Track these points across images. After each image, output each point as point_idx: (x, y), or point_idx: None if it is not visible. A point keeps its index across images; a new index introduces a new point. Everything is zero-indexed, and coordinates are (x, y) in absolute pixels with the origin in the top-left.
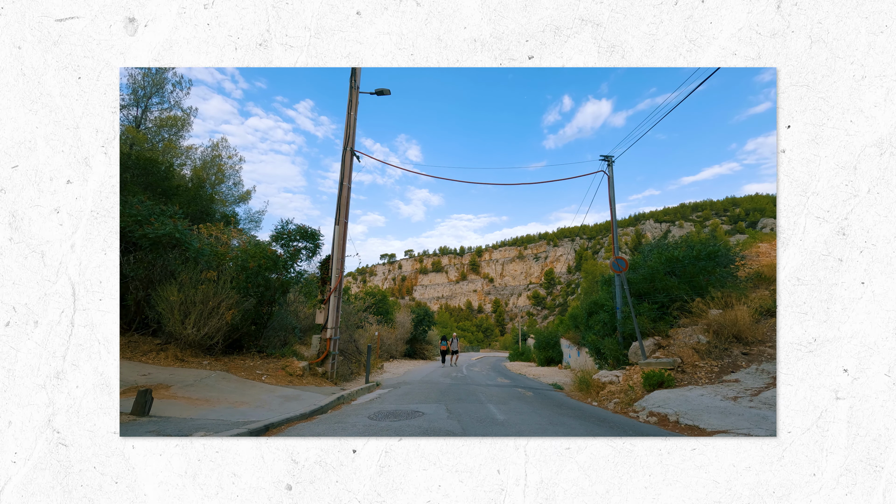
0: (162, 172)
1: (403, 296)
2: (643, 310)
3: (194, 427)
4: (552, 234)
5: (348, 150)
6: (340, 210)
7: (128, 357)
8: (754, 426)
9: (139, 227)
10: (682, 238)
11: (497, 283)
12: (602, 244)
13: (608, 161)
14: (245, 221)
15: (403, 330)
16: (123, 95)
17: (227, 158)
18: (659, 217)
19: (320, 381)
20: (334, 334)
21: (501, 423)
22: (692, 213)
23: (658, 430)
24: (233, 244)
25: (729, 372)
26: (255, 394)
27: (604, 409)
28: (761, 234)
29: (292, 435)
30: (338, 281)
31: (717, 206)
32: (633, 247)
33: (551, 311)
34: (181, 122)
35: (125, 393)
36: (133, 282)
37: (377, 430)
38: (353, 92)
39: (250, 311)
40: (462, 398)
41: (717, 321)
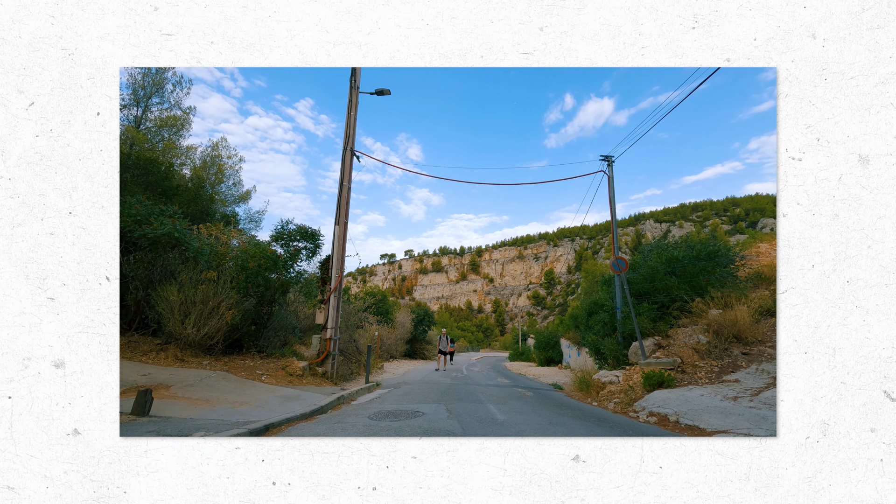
0: (162, 172)
1: (403, 296)
2: (643, 310)
3: (194, 427)
4: (552, 234)
5: (348, 150)
6: (340, 210)
7: (128, 357)
8: (754, 426)
9: (138, 227)
10: (682, 238)
11: (497, 283)
12: (602, 244)
13: (608, 161)
14: (245, 221)
15: (403, 330)
16: (123, 95)
17: (226, 158)
18: (659, 217)
19: (320, 381)
20: (334, 334)
21: (501, 423)
22: (692, 213)
23: (658, 430)
24: (233, 244)
25: (729, 372)
26: (255, 394)
27: (604, 409)
28: (761, 234)
29: (292, 435)
30: (338, 281)
31: (717, 206)
32: (633, 247)
33: (551, 311)
34: (181, 122)
35: (125, 393)
36: (133, 282)
37: (377, 430)
38: (353, 92)
39: (250, 311)
40: (462, 398)
41: (717, 321)
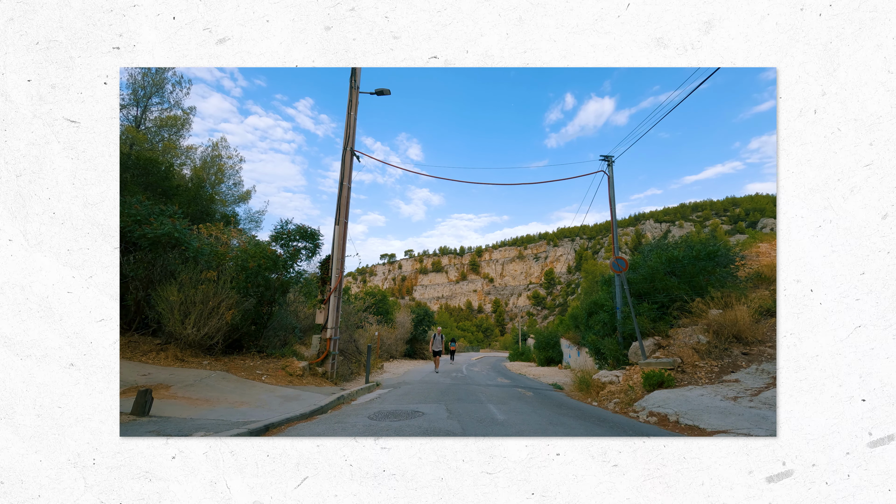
0: (162, 172)
1: (403, 296)
2: (643, 310)
3: (194, 427)
4: (552, 234)
5: (348, 151)
6: (340, 210)
7: (128, 357)
8: (754, 426)
9: (138, 226)
10: (682, 238)
11: (497, 283)
12: (602, 244)
13: (608, 161)
14: (245, 221)
15: (403, 330)
16: (123, 95)
17: (227, 158)
18: (659, 217)
19: (320, 381)
20: (334, 334)
21: (501, 423)
22: (692, 213)
23: (658, 430)
24: (233, 244)
25: (729, 372)
26: (255, 394)
27: (604, 409)
28: (761, 234)
29: (292, 435)
30: (338, 281)
31: (717, 206)
32: (633, 247)
33: (551, 311)
34: (181, 122)
35: (125, 393)
36: (133, 282)
37: (377, 430)
38: (353, 92)
39: (250, 311)
40: (462, 398)
41: (717, 321)
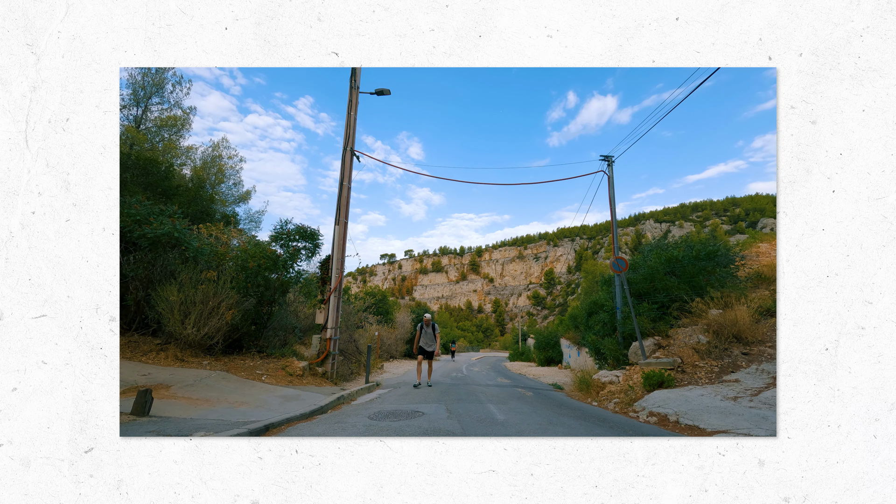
0: (162, 172)
1: (403, 296)
2: (643, 310)
3: (194, 427)
4: (552, 234)
5: (348, 150)
6: (340, 210)
7: (128, 357)
8: (754, 426)
9: (138, 226)
10: (682, 238)
11: (497, 283)
12: (602, 244)
13: (608, 161)
14: (245, 221)
15: (403, 330)
16: (123, 95)
17: (227, 158)
18: (659, 217)
19: (320, 381)
20: (334, 334)
21: (501, 423)
22: (692, 213)
23: (658, 430)
24: (233, 244)
25: (729, 372)
26: (255, 394)
27: (604, 409)
28: (761, 234)
29: (292, 435)
30: (338, 281)
31: (717, 206)
32: (633, 247)
33: (551, 311)
34: (181, 122)
35: (125, 393)
36: (133, 282)
37: (377, 430)
38: (354, 92)
39: (250, 311)
40: (462, 398)
41: (717, 321)
